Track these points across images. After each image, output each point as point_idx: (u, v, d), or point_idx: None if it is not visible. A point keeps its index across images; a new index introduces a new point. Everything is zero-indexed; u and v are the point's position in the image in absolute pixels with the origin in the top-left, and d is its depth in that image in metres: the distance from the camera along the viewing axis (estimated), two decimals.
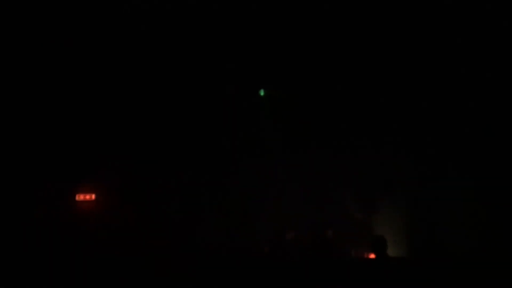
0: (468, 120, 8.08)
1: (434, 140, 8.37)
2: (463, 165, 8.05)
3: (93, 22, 7.77)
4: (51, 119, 8.54)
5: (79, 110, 8.64)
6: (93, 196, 8.77)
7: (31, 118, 8.40)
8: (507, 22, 7.26)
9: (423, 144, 8.41)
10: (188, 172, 8.90)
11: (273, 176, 8.89)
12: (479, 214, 7.62)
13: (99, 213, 8.54)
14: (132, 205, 8.61)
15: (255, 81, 8.90)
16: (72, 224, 8.08)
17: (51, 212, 8.16)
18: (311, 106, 8.86)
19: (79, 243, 7.22)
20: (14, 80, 8.16)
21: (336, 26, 7.83)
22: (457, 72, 7.90)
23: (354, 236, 8.40)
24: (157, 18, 7.78)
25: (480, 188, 7.77)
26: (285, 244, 8.05)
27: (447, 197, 7.98)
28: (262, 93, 9.08)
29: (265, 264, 6.96)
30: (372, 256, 6.15)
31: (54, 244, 6.85)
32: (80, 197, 8.74)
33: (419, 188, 8.34)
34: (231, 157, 8.95)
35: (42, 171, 8.32)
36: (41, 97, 8.41)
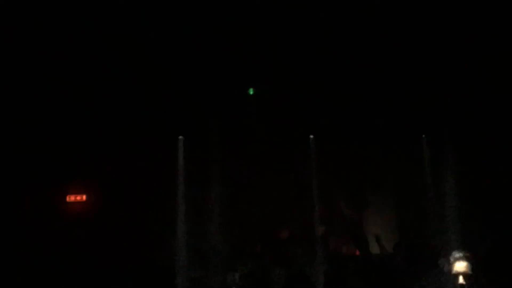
0: (458, 116, 8.13)
1: (424, 136, 8.44)
2: (453, 161, 8.11)
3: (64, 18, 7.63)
4: (40, 118, 8.48)
5: (69, 109, 8.59)
6: (84, 197, 8.74)
7: (19, 118, 8.34)
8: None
9: (413, 141, 8.47)
10: (180, 171, 8.88)
11: (262, 174, 8.90)
12: (470, 210, 7.69)
13: (90, 215, 8.51)
14: (124, 205, 8.59)
15: (244, 80, 8.90)
16: (63, 226, 8.05)
17: (41, 213, 8.12)
18: (300, 104, 8.88)
19: (69, 245, 7.20)
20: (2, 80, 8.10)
21: (325, 25, 7.85)
22: (444, 66, 7.96)
23: (346, 233, 8.46)
24: (141, 14, 7.71)
25: (470, 184, 7.84)
26: (277, 241, 8.08)
27: (437, 194, 8.05)
28: (251, 91, 9.08)
29: (258, 261, 7.00)
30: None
31: (44, 246, 6.83)
32: (71, 198, 8.71)
33: (409, 185, 8.40)
34: (221, 156, 8.94)
35: (31, 171, 8.27)
36: (30, 96, 8.35)
